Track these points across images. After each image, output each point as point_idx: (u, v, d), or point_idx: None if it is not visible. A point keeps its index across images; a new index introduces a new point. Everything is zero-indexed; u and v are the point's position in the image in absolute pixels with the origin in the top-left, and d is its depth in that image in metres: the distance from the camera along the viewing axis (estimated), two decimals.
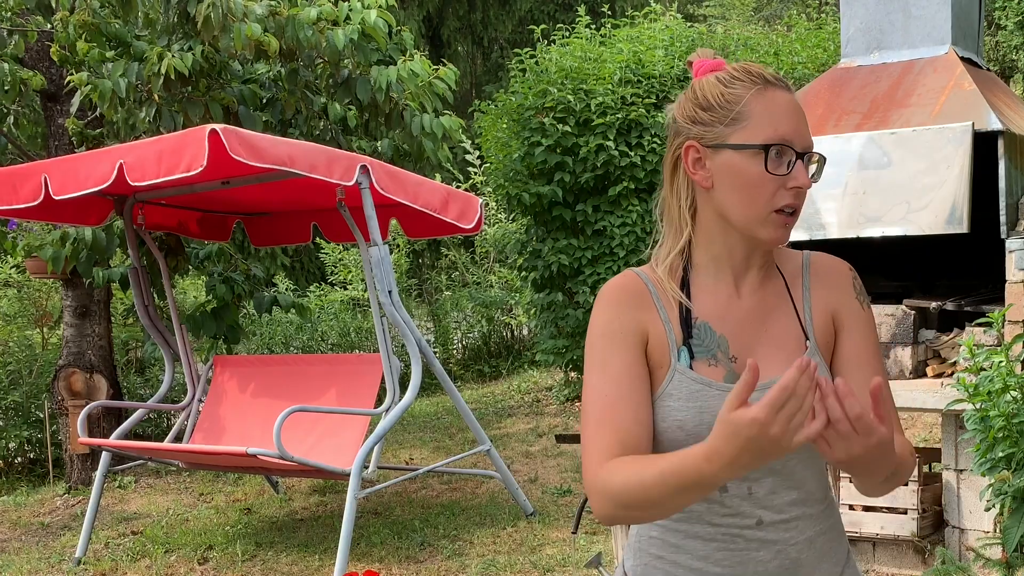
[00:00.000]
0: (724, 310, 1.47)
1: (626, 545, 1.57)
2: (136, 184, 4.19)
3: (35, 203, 4.53)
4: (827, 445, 1.20)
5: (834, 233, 4.08)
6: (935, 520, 4.14)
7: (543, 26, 8.38)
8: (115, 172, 4.19)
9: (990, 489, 2.97)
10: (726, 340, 1.45)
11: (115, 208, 5.38)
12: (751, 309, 1.47)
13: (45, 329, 8.43)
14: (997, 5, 11.59)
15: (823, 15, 11.19)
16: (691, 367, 1.42)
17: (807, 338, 1.46)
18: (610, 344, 1.43)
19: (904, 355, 4.17)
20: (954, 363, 3.94)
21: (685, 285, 1.47)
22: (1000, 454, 2.91)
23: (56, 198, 4.48)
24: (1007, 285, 3.85)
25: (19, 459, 7.15)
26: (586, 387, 1.45)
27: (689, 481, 1.26)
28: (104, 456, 5.19)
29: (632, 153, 7.42)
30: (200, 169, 3.96)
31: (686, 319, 1.45)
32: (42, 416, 6.94)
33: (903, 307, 4.18)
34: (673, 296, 1.46)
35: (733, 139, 1.41)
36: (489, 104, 8.14)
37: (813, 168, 1.46)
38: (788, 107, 1.43)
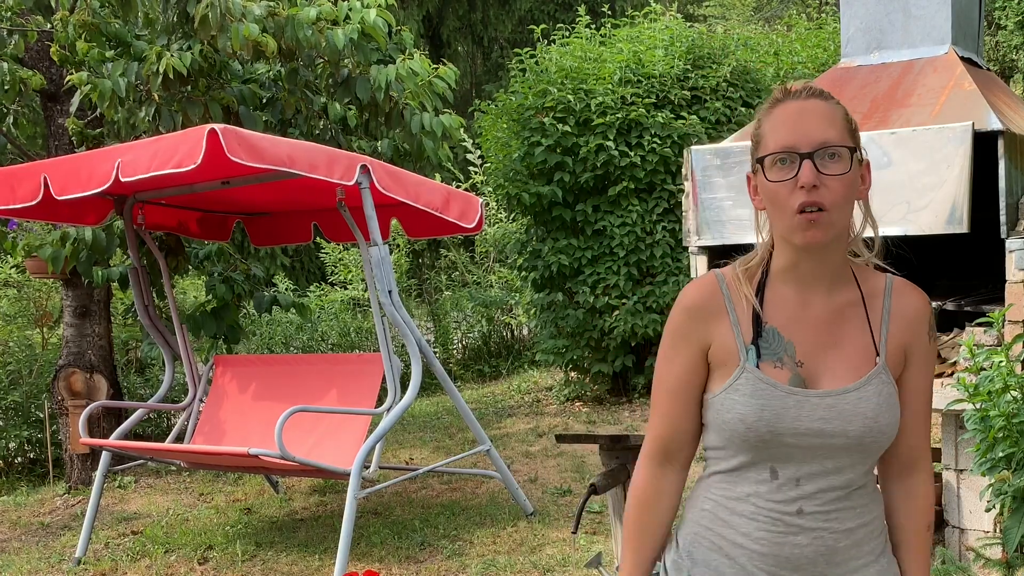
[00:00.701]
0: (793, 317, 1.57)
1: (681, 520, 1.71)
2: (126, 180, 4.17)
3: (34, 202, 4.53)
4: None
5: None
6: (935, 520, 4.14)
7: (543, 26, 8.38)
8: (115, 172, 4.19)
9: (990, 489, 2.97)
10: (793, 345, 1.55)
11: (115, 208, 5.38)
12: (822, 318, 1.57)
13: (45, 329, 8.43)
14: (997, 5, 11.59)
15: (823, 15, 11.18)
16: (758, 366, 1.54)
17: (878, 354, 1.57)
18: (677, 344, 1.62)
19: None
20: (954, 363, 3.94)
21: (760, 291, 1.59)
22: (1000, 454, 2.91)
23: (59, 198, 4.47)
24: (1007, 285, 3.85)
25: (19, 459, 7.15)
26: (657, 373, 1.67)
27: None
28: (104, 456, 5.19)
29: (632, 153, 7.42)
30: (193, 166, 3.95)
31: (756, 322, 1.57)
32: (42, 416, 6.94)
33: None
34: (747, 299, 1.58)
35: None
36: (489, 104, 8.15)
37: (839, 159, 1.49)
38: (791, 115, 1.51)
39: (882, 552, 1.61)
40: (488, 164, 8.34)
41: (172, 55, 5.38)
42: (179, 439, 5.63)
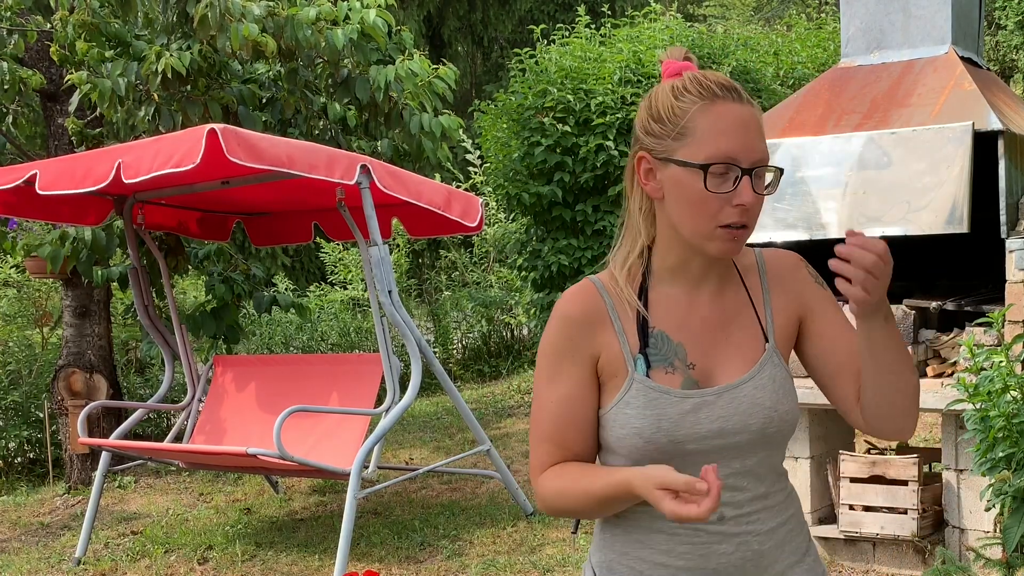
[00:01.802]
0: (682, 318, 1.49)
1: (592, 541, 1.60)
2: (130, 181, 4.17)
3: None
4: (865, 292, 1.31)
5: (834, 233, 4.08)
6: (935, 520, 4.14)
7: (543, 26, 8.38)
8: (113, 171, 4.19)
9: (990, 489, 2.97)
10: (684, 348, 1.47)
11: (115, 208, 5.38)
12: (710, 316, 1.50)
13: (45, 329, 8.42)
14: (997, 5, 11.59)
15: (823, 15, 11.19)
16: (648, 375, 1.45)
17: (767, 340, 1.50)
18: (560, 361, 1.48)
19: None
20: (954, 363, 3.94)
21: (643, 293, 1.49)
22: (1000, 454, 2.91)
23: (41, 192, 4.45)
24: (1007, 285, 3.85)
25: (19, 459, 7.14)
26: (535, 396, 1.52)
27: (614, 501, 1.44)
28: (104, 456, 5.19)
29: None
30: (192, 166, 3.95)
31: (643, 328, 1.47)
32: (42, 416, 6.93)
33: (903, 307, 4.18)
34: (630, 305, 1.48)
35: (679, 154, 1.42)
36: (489, 104, 8.14)
37: (770, 177, 1.45)
38: (734, 121, 1.40)
39: (806, 551, 1.55)
40: (488, 164, 8.34)
41: (171, 55, 5.38)
42: (178, 439, 5.62)
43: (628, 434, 1.44)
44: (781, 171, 1.48)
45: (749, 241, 1.49)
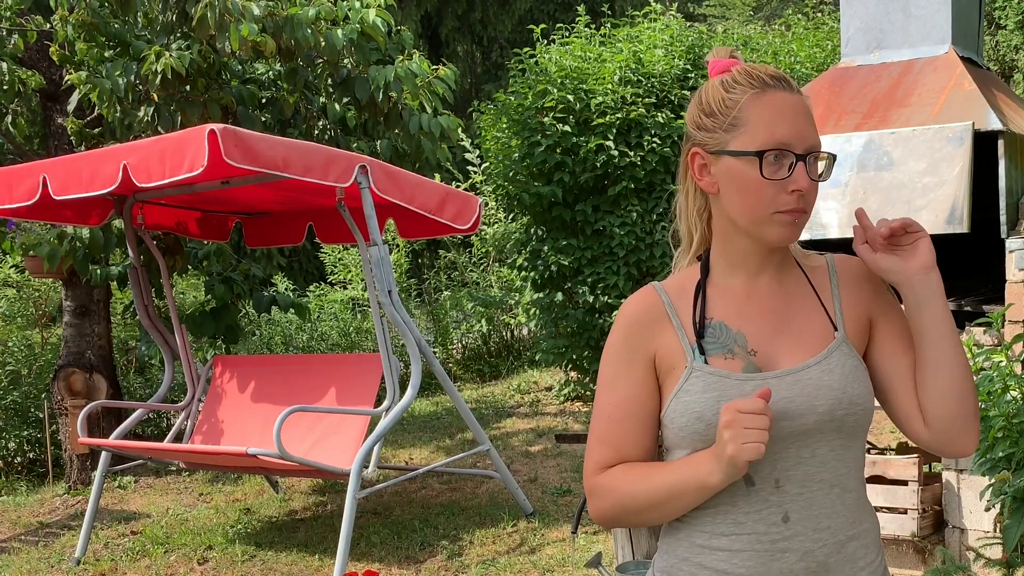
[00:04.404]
0: (740, 308, 1.48)
1: (658, 548, 1.57)
2: (143, 186, 4.17)
3: (31, 202, 4.51)
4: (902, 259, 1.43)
5: (834, 233, 4.08)
6: (935, 520, 4.14)
7: (543, 26, 8.37)
8: (120, 174, 4.18)
9: (990, 489, 2.97)
10: (744, 336, 1.46)
11: (115, 207, 5.38)
12: (771, 305, 1.49)
13: (44, 329, 8.42)
14: (997, 5, 11.60)
15: (820, 14, 11.18)
16: (706, 363, 1.44)
17: (835, 328, 1.47)
18: (618, 364, 1.49)
19: None
20: None
21: (702, 288, 1.49)
22: (1000, 454, 2.91)
23: (57, 198, 4.46)
24: (1007, 285, 3.85)
25: (19, 459, 7.14)
26: (596, 400, 1.52)
27: (681, 489, 1.41)
28: (104, 456, 5.19)
29: (632, 153, 7.41)
30: (201, 170, 3.95)
31: (700, 319, 1.47)
32: (42, 416, 6.93)
33: (903, 307, 4.17)
34: (689, 299, 1.49)
35: (732, 145, 1.43)
36: (489, 104, 8.14)
37: (821, 166, 1.46)
38: (786, 108, 1.42)
39: (881, 572, 1.49)
40: (488, 164, 8.34)
41: (171, 55, 5.38)
42: (178, 439, 5.62)
43: (689, 421, 1.41)
44: (834, 157, 1.49)
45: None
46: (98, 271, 6.16)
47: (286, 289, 10.84)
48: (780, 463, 1.41)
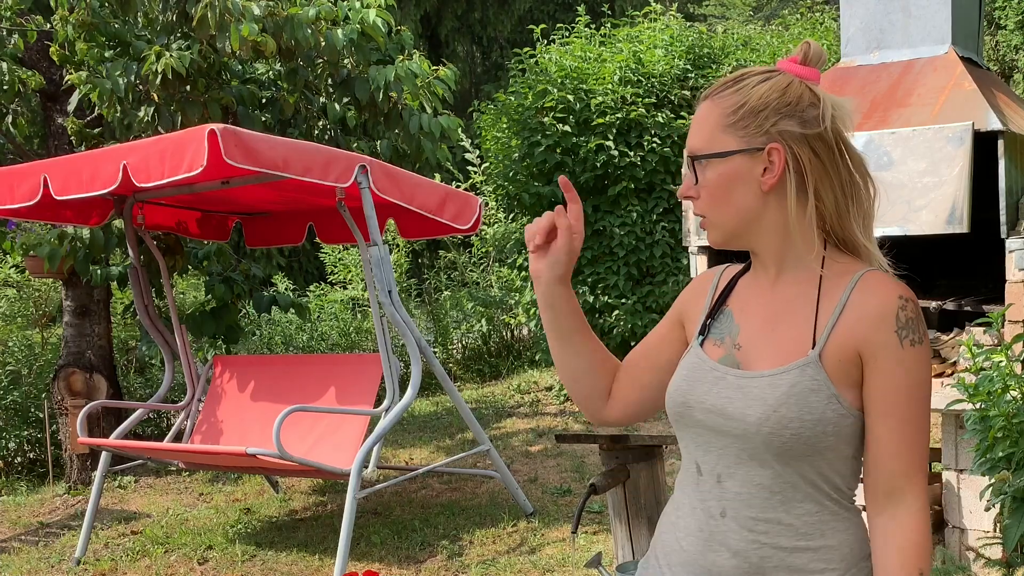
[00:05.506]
0: (751, 303, 1.54)
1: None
2: (143, 185, 4.17)
3: (32, 203, 4.52)
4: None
5: None
6: (935, 520, 4.14)
7: (543, 26, 8.37)
8: (120, 174, 4.18)
9: (990, 489, 2.97)
10: (739, 329, 1.51)
11: (115, 207, 5.38)
12: (769, 306, 1.51)
13: (44, 329, 8.42)
14: (997, 5, 11.60)
15: (816, 14, 11.18)
16: (701, 345, 1.53)
17: (813, 346, 1.41)
18: (669, 311, 1.68)
19: None
20: (954, 363, 3.94)
21: (737, 278, 1.59)
22: (1000, 454, 2.91)
23: (58, 198, 4.46)
24: (1007, 285, 3.85)
25: (19, 459, 7.14)
26: None
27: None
28: (104, 456, 5.19)
29: (632, 153, 7.42)
30: (200, 170, 3.95)
31: (717, 304, 1.57)
32: (42, 416, 6.93)
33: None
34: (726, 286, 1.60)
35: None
36: (489, 104, 8.14)
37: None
38: (695, 117, 1.52)
39: None
40: (487, 164, 8.34)
41: (171, 55, 5.38)
42: (178, 439, 5.62)
43: (671, 393, 1.53)
44: (691, 159, 1.53)
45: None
46: (98, 271, 6.16)
47: (286, 289, 10.83)
48: (723, 460, 1.45)
